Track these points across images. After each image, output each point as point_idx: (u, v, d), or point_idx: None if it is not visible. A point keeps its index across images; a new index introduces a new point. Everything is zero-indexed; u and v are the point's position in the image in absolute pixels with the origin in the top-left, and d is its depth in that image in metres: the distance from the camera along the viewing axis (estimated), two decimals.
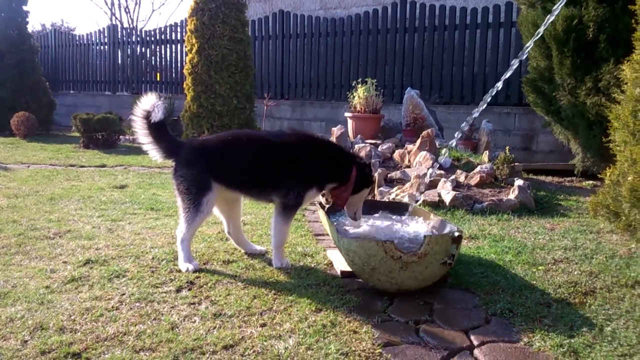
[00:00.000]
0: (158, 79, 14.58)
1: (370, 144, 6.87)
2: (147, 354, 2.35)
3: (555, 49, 6.24)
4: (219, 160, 3.43)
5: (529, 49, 4.23)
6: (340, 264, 3.44)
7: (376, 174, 5.62)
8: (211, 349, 2.39)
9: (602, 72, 5.82)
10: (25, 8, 13.15)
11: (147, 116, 3.38)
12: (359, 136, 7.25)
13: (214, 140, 3.68)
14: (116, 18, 21.85)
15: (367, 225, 3.68)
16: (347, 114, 7.78)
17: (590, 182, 6.61)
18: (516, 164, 5.91)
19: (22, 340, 2.45)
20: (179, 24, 13.92)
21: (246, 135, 3.76)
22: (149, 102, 3.38)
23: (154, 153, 3.51)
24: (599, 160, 6.24)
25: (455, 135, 4.24)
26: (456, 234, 3.02)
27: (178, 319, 2.70)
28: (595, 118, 5.93)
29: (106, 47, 15.54)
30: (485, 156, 6.34)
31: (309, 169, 3.44)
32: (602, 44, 5.86)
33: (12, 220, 4.58)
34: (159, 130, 3.46)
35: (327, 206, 3.76)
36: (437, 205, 5.07)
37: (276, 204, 3.49)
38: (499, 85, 4.00)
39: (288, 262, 3.53)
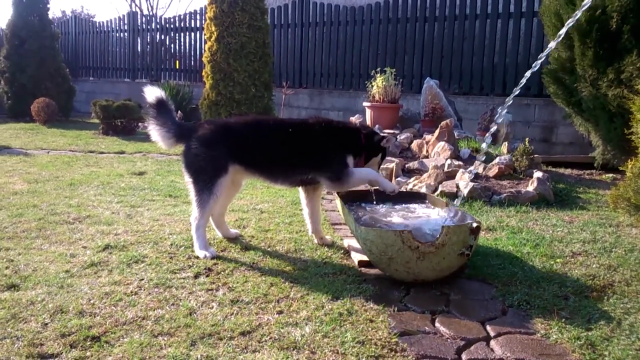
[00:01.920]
0: (177, 66, 14.63)
1: (389, 133, 6.84)
2: (166, 338, 2.37)
3: (577, 40, 6.14)
4: (245, 141, 3.46)
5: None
6: (357, 253, 3.44)
7: (394, 161, 5.61)
8: (228, 335, 2.41)
9: (625, 63, 5.72)
10: None
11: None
12: (377, 126, 7.23)
13: (238, 122, 3.69)
14: (136, 5, 22.00)
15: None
16: (365, 104, 7.76)
17: (610, 175, 6.54)
18: (535, 155, 5.87)
19: (43, 323, 2.49)
20: (198, 12, 13.95)
21: (270, 119, 3.79)
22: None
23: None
24: (620, 153, 6.16)
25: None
26: (474, 224, 3.00)
27: (196, 304, 2.72)
28: (617, 110, 5.84)
29: (126, 34, 15.62)
30: (504, 147, 6.29)
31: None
32: (626, 35, 5.75)
33: (32, 204, 4.64)
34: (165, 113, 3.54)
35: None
36: (455, 196, 5.04)
37: (324, 183, 3.55)
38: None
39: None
